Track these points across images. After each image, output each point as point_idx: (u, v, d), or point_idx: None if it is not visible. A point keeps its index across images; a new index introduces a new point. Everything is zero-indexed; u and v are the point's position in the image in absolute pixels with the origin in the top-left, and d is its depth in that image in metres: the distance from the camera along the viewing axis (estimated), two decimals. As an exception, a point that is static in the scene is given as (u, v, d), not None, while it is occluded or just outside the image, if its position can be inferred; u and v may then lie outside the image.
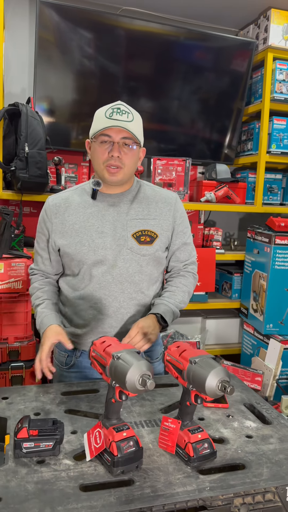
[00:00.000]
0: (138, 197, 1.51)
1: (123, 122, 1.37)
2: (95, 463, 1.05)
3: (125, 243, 1.45)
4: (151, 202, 1.51)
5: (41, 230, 1.52)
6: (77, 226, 1.45)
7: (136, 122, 1.41)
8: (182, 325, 3.03)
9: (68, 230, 1.45)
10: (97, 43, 2.74)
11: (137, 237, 1.46)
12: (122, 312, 1.48)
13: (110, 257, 1.44)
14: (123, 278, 1.46)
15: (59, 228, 1.46)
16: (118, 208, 1.48)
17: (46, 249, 1.52)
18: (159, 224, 1.49)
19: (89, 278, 1.46)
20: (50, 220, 1.48)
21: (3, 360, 2.08)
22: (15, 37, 2.86)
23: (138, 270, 1.47)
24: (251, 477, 1.02)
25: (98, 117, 1.42)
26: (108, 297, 1.46)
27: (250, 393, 1.46)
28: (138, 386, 0.96)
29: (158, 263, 1.53)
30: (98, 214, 1.46)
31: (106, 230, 1.45)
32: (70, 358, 1.56)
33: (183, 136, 3.11)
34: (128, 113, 1.39)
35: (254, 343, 2.87)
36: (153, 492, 0.95)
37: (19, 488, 0.94)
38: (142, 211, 1.49)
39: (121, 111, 1.38)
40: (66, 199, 1.50)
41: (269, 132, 3.00)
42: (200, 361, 1.04)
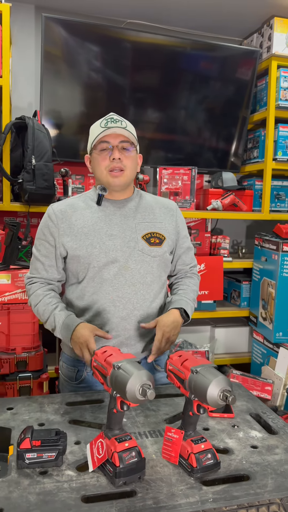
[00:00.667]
0: (141, 204, 1.56)
1: (119, 128, 1.44)
2: (97, 474, 1.04)
3: (136, 244, 1.48)
4: (155, 207, 1.57)
5: (44, 237, 1.51)
6: (86, 230, 1.46)
7: (130, 128, 1.48)
8: (191, 334, 3.02)
9: (77, 233, 1.46)
10: (102, 56, 2.78)
11: (147, 238, 1.49)
12: (136, 314, 1.48)
13: (121, 259, 1.46)
14: (135, 279, 1.47)
15: (67, 232, 1.47)
16: (124, 213, 1.51)
17: (50, 255, 1.49)
18: (165, 227, 1.55)
19: (100, 282, 1.46)
20: (56, 226, 1.48)
21: (11, 370, 2.09)
22: (21, 52, 2.92)
23: (149, 271, 1.49)
24: (256, 489, 1.01)
25: (93, 130, 1.50)
26: (122, 299, 1.46)
27: (256, 402, 1.45)
28: (138, 396, 0.96)
29: (165, 266, 1.57)
30: (105, 218, 1.49)
31: (115, 232, 1.47)
32: (80, 373, 1.54)
33: (189, 145, 3.13)
34: (121, 121, 1.47)
35: (264, 352, 2.84)
36: (155, 503, 0.95)
37: (21, 499, 0.94)
38: (148, 215, 1.54)
39: (114, 120, 1.46)
40: (71, 204, 1.52)
41: (275, 140, 3.00)
42: (201, 370, 1.03)
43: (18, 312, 2.12)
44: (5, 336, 2.11)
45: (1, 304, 2.09)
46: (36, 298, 1.49)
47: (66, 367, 1.58)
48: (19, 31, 2.89)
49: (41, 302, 1.47)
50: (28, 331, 2.14)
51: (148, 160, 2.99)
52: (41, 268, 1.51)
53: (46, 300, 1.47)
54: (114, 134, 1.44)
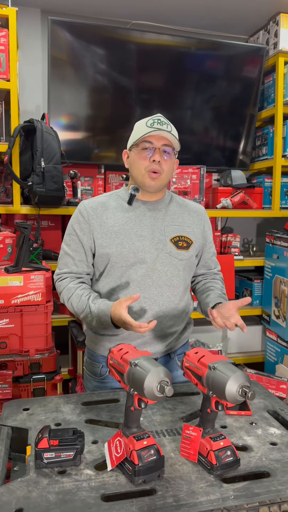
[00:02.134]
0: (172, 206, 1.56)
1: (164, 131, 1.42)
2: (116, 472, 1.04)
3: (164, 247, 1.48)
4: (184, 211, 1.58)
5: (74, 232, 1.50)
6: (117, 229, 1.47)
7: (174, 132, 1.47)
8: (203, 334, 3.00)
9: (108, 232, 1.47)
10: (108, 58, 2.79)
11: (175, 242, 1.50)
12: (161, 315, 1.49)
13: (149, 260, 1.46)
14: (162, 281, 1.48)
15: (97, 229, 1.47)
16: (154, 214, 1.52)
17: (80, 250, 1.49)
18: (193, 231, 1.55)
19: (128, 282, 1.47)
20: (87, 222, 1.48)
21: (24, 372, 2.09)
22: (28, 55, 2.94)
23: (176, 274, 1.50)
24: (277, 485, 0.99)
25: (138, 127, 1.48)
26: (148, 300, 1.47)
27: (273, 399, 1.43)
28: (156, 393, 0.95)
29: (191, 269, 1.58)
30: (135, 218, 1.49)
31: (144, 234, 1.47)
32: (104, 369, 1.55)
33: (197, 144, 3.12)
34: (167, 124, 1.46)
35: (278, 350, 2.82)
36: (175, 501, 0.94)
37: (40, 499, 0.94)
38: (177, 218, 1.54)
39: (161, 121, 1.45)
40: (103, 203, 1.52)
41: (283, 136, 2.98)
42: (219, 366, 1.02)
43: (30, 314, 2.12)
44: (18, 338, 2.11)
45: (14, 306, 2.09)
46: (68, 292, 1.47)
47: (90, 362, 1.60)
48: (25, 35, 2.91)
49: (74, 295, 1.46)
50: (41, 333, 2.14)
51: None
52: (71, 262, 1.51)
53: (79, 292, 1.46)
54: (159, 136, 1.43)
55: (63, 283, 1.50)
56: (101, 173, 3.01)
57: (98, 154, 2.92)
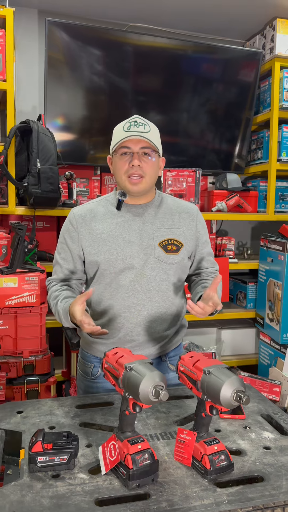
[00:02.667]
0: (161, 208, 1.54)
1: (141, 133, 1.40)
2: (110, 476, 1.03)
3: (153, 252, 1.47)
4: (174, 213, 1.55)
5: (64, 241, 1.52)
6: (105, 235, 1.47)
7: (153, 132, 1.45)
8: (197, 336, 3.01)
9: (96, 239, 1.47)
10: (105, 59, 2.79)
11: (164, 246, 1.48)
12: (151, 320, 1.49)
13: (137, 266, 1.46)
14: (151, 286, 1.47)
15: (86, 237, 1.48)
16: (143, 218, 1.50)
17: (68, 258, 1.51)
18: (183, 233, 1.52)
19: (117, 288, 1.47)
20: (76, 230, 1.49)
21: (18, 374, 2.08)
22: (25, 56, 2.93)
23: (165, 278, 1.49)
24: (270, 490, 0.99)
25: (116, 132, 1.47)
26: (137, 306, 1.47)
27: (267, 403, 1.44)
28: (151, 397, 0.95)
29: (183, 272, 1.56)
30: (124, 224, 1.48)
31: (133, 239, 1.47)
32: (96, 369, 1.56)
33: (193, 147, 3.13)
34: (145, 125, 1.43)
35: (271, 353, 2.83)
36: (169, 506, 0.94)
37: (34, 503, 0.94)
38: (167, 221, 1.52)
39: (137, 123, 1.43)
40: (91, 209, 1.52)
41: (278, 140, 2.99)
42: (214, 371, 1.03)
43: (25, 315, 2.11)
44: (12, 339, 2.10)
45: (8, 308, 2.09)
46: (49, 296, 1.51)
47: (83, 362, 1.61)
48: (22, 36, 2.90)
49: (52, 296, 1.49)
50: (35, 335, 2.14)
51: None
52: (59, 270, 1.54)
53: (56, 294, 1.48)
54: (136, 139, 1.41)
55: (51, 289, 1.53)
56: (97, 175, 3.01)
57: (94, 156, 2.92)
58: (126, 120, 1.46)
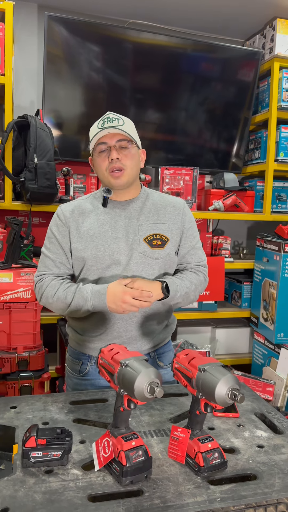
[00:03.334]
0: (147, 204, 1.54)
1: (114, 127, 1.42)
2: (103, 473, 1.03)
3: (138, 247, 1.46)
4: (160, 208, 1.54)
5: (53, 235, 1.50)
6: (92, 232, 1.46)
7: (127, 125, 1.46)
8: (192, 335, 3.01)
9: (83, 235, 1.46)
10: (104, 56, 2.78)
11: (149, 241, 1.48)
12: (137, 315, 1.48)
13: (123, 262, 1.45)
14: None
15: (74, 233, 1.47)
16: (128, 214, 1.50)
17: (60, 252, 1.49)
18: (168, 228, 1.52)
19: (103, 283, 1.45)
20: (65, 224, 1.48)
21: (12, 370, 2.08)
22: (24, 50, 2.91)
23: (151, 273, 1.48)
24: (263, 488, 1.00)
25: (92, 132, 1.48)
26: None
27: (261, 402, 1.44)
28: (146, 394, 0.95)
29: (170, 267, 1.54)
30: (111, 220, 1.48)
31: (119, 235, 1.47)
32: (84, 366, 1.55)
33: (190, 146, 3.13)
34: (118, 119, 1.45)
35: (265, 353, 2.84)
36: (162, 503, 0.94)
37: (26, 498, 0.93)
38: (152, 217, 1.51)
39: (110, 119, 1.44)
40: (79, 206, 1.52)
41: (276, 141, 3.00)
42: (209, 368, 1.03)
43: (19, 311, 2.11)
44: (7, 335, 2.10)
45: (3, 303, 2.08)
46: (53, 288, 1.44)
47: (71, 359, 1.59)
48: (21, 30, 2.89)
49: (60, 288, 1.43)
50: (30, 330, 2.13)
51: (149, 160, 2.97)
52: (51, 265, 1.49)
53: (65, 286, 1.43)
54: (111, 134, 1.42)
55: (46, 281, 1.46)
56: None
57: (91, 153, 2.90)
58: (100, 118, 1.48)
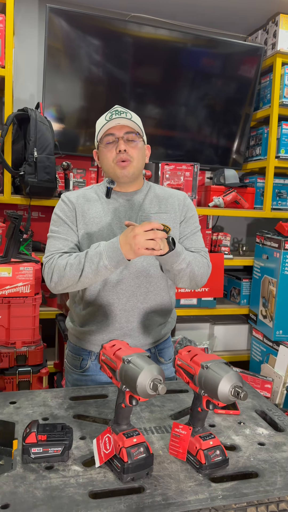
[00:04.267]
0: (149, 196, 1.54)
1: (123, 119, 1.43)
2: (104, 469, 1.03)
3: None
4: (162, 199, 1.55)
5: (61, 219, 1.46)
6: (97, 220, 1.46)
7: (135, 119, 1.47)
8: (190, 331, 3.01)
9: (89, 222, 1.46)
10: (105, 50, 2.75)
11: None
12: (139, 306, 1.48)
13: None
14: (138, 272, 1.46)
15: (79, 219, 1.47)
16: (131, 205, 1.51)
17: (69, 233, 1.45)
18: (170, 217, 1.52)
19: None
20: (73, 209, 1.47)
21: (10, 364, 2.07)
22: (24, 43, 2.88)
23: (153, 264, 1.48)
24: (265, 486, 0.99)
25: (99, 124, 1.49)
26: (126, 292, 1.46)
27: (261, 399, 1.44)
28: (149, 391, 0.94)
29: None
30: (114, 210, 1.49)
31: (122, 225, 1.46)
32: (85, 362, 1.54)
33: (190, 141, 3.11)
34: (126, 113, 1.46)
35: (264, 350, 2.84)
36: (164, 500, 0.93)
37: (27, 494, 0.92)
38: (154, 207, 1.52)
39: (119, 112, 1.45)
40: (83, 194, 1.52)
41: (278, 137, 2.99)
42: (212, 365, 1.02)
43: (18, 305, 2.09)
44: (5, 330, 2.08)
45: (2, 298, 2.06)
46: (63, 260, 1.37)
47: (71, 355, 1.59)
48: (22, 22, 2.85)
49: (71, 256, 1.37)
50: (28, 325, 2.12)
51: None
52: (61, 244, 1.44)
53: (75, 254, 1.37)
54: (119, 125, 1.43)
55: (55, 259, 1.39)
56: (94, 166, 2.98)
57: (91, 147, 2.88)
58: (107, 111, 1.48)
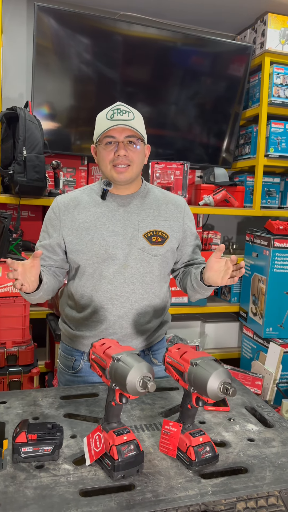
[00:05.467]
0: (148, 199, 1.51)
1: (125, 121, 1.37)
2: (95, 467, 1.03)
3: (137, 242, 1.44)
4: (161, 204, 1.52)
5: (46, 229, 1.49)
6: (88, 225, 1.44)
7: (137, 119, 1.41)
8: (181, 329, 3.02)
9: (78, 228, 1.44)
10: (94, 48, 2.74)
11: (149, 237, 1.45)
12: (134, 313, 1.46)
13: (121, 257, 1.43)
14: (134, 278, 1.44)
15: (68, 225, 1.44)
16: (128, 209, 1.47)
17: (48, 247, 1.47)
18: (169, 225, 1.49)
19: (99, 279, 1.43)
20: (58, 218, 1.46)
21: (1, 365, 2.06)
22: (12, 41, 2.87)
23: (149, 270, 1.46)
24: (254, 481, 1.00)
25: (99, 121, 1.43)
26: (120, 298, 1.44)
27: (251, 396, 1.45)
28: (139, 388, 0.95)
29: (168, 265, 1.52)
30: (108, 213, 1.45)
31: (117, 229, 1.43)
32: (77, 363, 1.54)
33: (181, 140, 3.12)
34: (128, 112, 1.40)
35: (254, 347, 2.86)
36: (154, 497, 0.94)
37: (17, 494, 0.92)
38: (153, 213, 1.49)
39: (121, 111, 1.39)
40: (75, 198, 1.49)
41: (267, 136, 3.00)
42: (201, 362, 1.03)
43: (8, 305, 2.08)
44: (-5, 330, 2.08)
45: (-9, 298, 2.05)
46: None
47: (64, 356, 1.58)
48: (10, 20, 2.84)
49: None
50: (19, 325, 2.11)
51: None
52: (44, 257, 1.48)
53: None
54: (121, 128, 1.38)
55: None
56: (84, 165, 2.98)
57: (81, 146, 2.88)
58: (109, 107, 1.42)
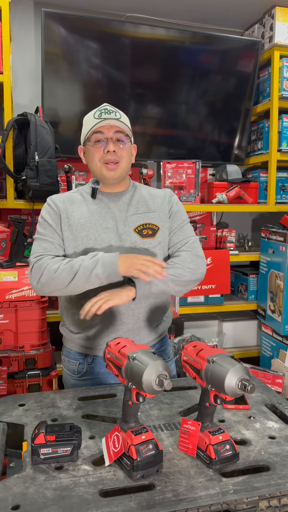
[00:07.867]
0: (136, 196, 1.54)
1: (113, 120, 1.43)
2: (114, 468, 1.02)
3: (128, 238, 1.45)
4: (148, 199, 1.55)
5: (46, 223, 1.45)
6: (83, 221, 1.45)
7: (124, 118, 1.48)
8: (199, 329, 3.00)
9: (73, 224, 1.45)
10: (103, 52, 2.75)
11: (139, 231, 1.47)
12: (133, 307, 1.46)
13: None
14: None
15: (65, 221, 1.46)
16: (118, 206, 1.50)
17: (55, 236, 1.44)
18: (159, 216, 1.51)
19: None
20: (57, 212, 1.46)
21: (19, 368, 2.07)
22: (21, 48, 2.90)
23: None
24: (276, 479, 0.98)
25: (87, 121, 1.49)
26: None
27: (271, 393, 1.42)
28: (155, 387, 0.94)
29: (162, 256, 1.52)
30: (100, 211, 1.48)
31: (109, 226, 1.46)
32: (82, 366, 1.53)
33: (192, 139, 3.10)
34: (115, 112, 1.46)
35: (273, 345, 2.82)
36: (174, 496, 0.92)
37: (37, 495, 0.92)
38: (141, 207, 1.52)
39: (108, 110, 1.46)
40: (69, 197, 1.52)
41: (279, 131, 2.97)
42: (218, 359, 1.01)
43: (25, 309, 2.10)
44: (13, 334, 2.09)
45: (8, 302, 2.07)
46: (55, 263, 1.35)
47: (67, 360, 1.57)
48: (18, 27, 2.87)
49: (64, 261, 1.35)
50: (36, 328, 2.12)
51: (150, 155, 2.97)
52: (50, 247, 1.42)
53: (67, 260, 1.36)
54: (108, 125, 1.43)
55: (46, 260, 1.37)
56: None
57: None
58: (96, 108, 1.49)
